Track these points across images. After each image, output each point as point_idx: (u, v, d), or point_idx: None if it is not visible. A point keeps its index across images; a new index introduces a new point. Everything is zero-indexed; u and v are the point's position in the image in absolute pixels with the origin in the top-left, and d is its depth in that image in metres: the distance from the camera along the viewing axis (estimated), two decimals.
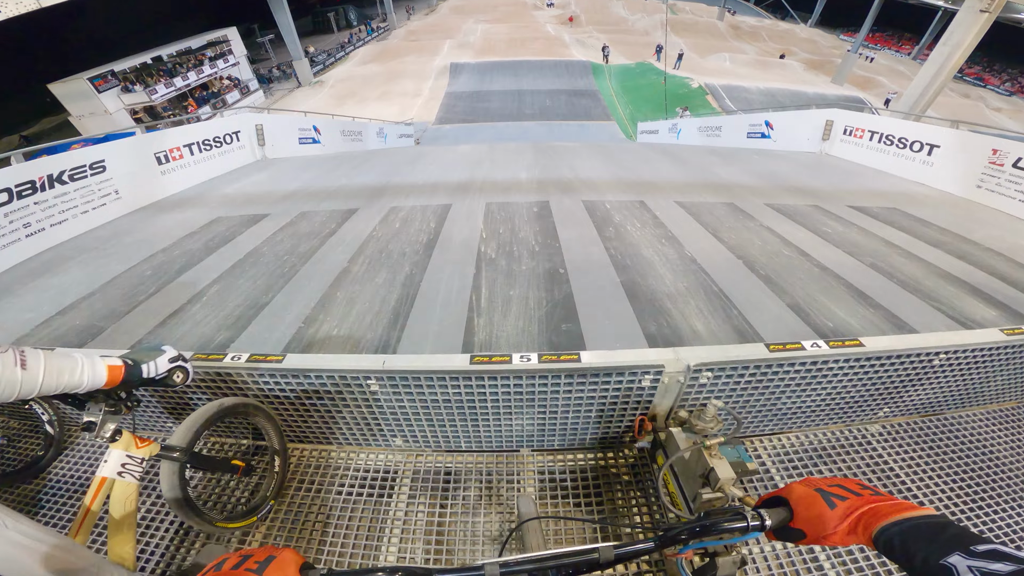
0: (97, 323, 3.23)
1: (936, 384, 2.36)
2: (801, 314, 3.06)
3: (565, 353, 1.89)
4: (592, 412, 2.11)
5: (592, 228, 4.40)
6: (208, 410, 1.77)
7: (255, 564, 0.73)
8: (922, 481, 2.24)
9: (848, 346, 2.07)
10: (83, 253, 4.54)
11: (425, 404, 2.03)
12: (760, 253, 3.96)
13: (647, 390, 2.01)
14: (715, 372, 1.98)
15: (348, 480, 2.21)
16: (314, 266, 3.69)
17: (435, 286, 3.26)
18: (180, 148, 6.56)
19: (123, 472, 1.55)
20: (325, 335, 2.79)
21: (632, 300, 3.14)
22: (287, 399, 2.12)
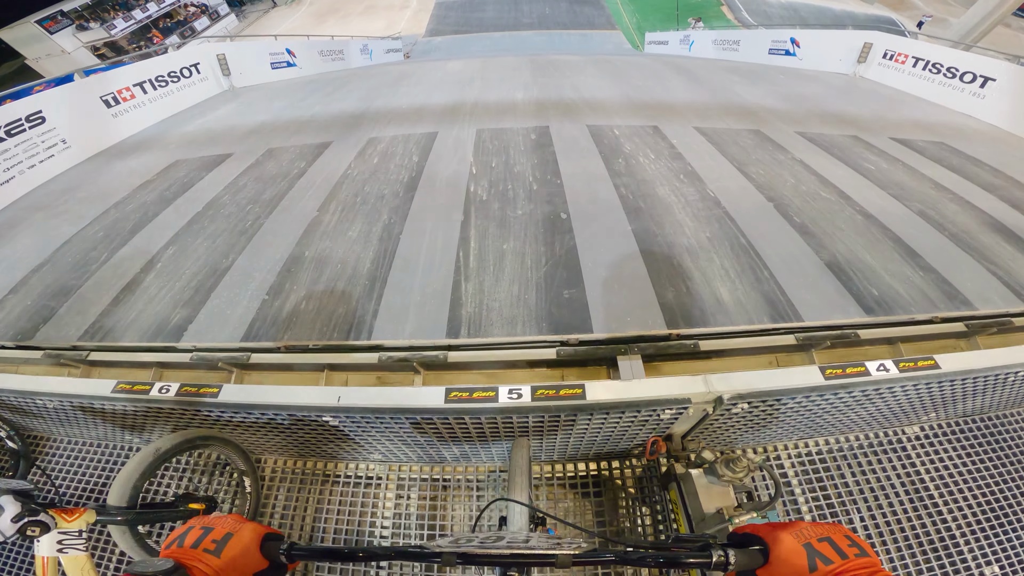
0: (48, 302, 2.90)
1: (998, 393, 2.06)
2: (842, 277, 2.62)
3: (565, 387, 1.54)
4: (597, 438, 1.82)
5: (599, 160, 3.77)
6: (143, 459, 1.50)
7: (213, 543, 0.73)
8: (950, 494, 2.10)
9: (920, 368, 1.69)
10: (34, 214, 4.09)
11: (397, 433, 1.73)
12: (794, 195, 3.38)
13: (665, 420, 1.68)
14: (752, 403, 1.62)
15: (328, 487, 1.99)
16: (280, 217, 3.21)
17: (417, 240, 2.80)
18: (130, 88, 5.85)
19: (63, 548, 1.36)
20: (292, 310, 2.41)
21: (646, 256, 2.67)
22: (238, 425, 1.81)
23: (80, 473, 2.37)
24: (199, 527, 0.76)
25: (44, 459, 2.51)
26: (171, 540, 0.75)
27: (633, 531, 2.09)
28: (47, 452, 2.50)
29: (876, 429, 2.29)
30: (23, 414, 2.33)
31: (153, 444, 1.56)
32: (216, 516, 0.80)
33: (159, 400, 1.76)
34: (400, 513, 2.08)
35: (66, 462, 2.44)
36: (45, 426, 2.50)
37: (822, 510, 2.14)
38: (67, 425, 2.34)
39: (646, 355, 2.15)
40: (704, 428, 1.90)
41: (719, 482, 1.61)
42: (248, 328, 2.33)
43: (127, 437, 2.44)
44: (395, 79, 7.25)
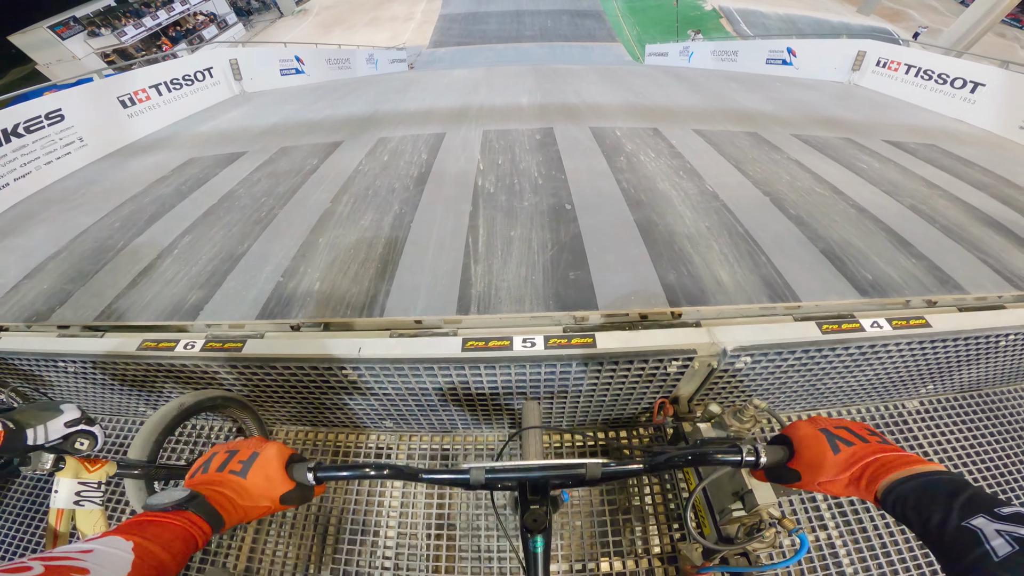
0: (64, 286, 2.98)
1: (992, 363, 2.12)
2: (837, 263, 2.71)
3: (576, 336, 1.60)
4: (606, 396, 1.87)
5: (601, 158, 3.90)
6: (167, 413, 1.52)
7: (239, 464, 0.72)
8: (953, 467, 2.12)
9: (913, 326, 1.77)
10: (50, 207, 4.20)
11: (412, 391, 1.80)
12: (789, 190, 3.50)
13: (672, 375, 1.73)
14: (755, 357, 1.68)
15: (339, 458, 2.05)
16: (294, 208, 3.32)
17: (427, 228, 2.90)
18: (146, 90, 6.05)
19: (80, 500, 1.33)
20: (306, 291, 2.49)
21: (648, 242, 2.77)
22: (256, 387, 1.87)
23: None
24: (224, 451, 0.75)
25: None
26: (196, 468, 0.74)
27: (642, 500, 2.08)
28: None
29: (877, 402, 2.32)
30: (40, 383, 2.37)
31: (176, 400, 1.59)
32: (239, 440, 0.78)
33: (183, 356, 1.78)
34: (409, 485, 2.12)
35: None
36: (60, 397, 2.54)
37: None
38: (85, 394, 2.38)
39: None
40: (709, 388, 1.94)
41: (728, 435, 1.59)
42: (263, 308, 2.41)
43: (141, 408, 2.48)
44: (403, 85, 7.43)
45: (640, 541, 2.00)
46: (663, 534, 2.01)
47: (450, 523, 2.00)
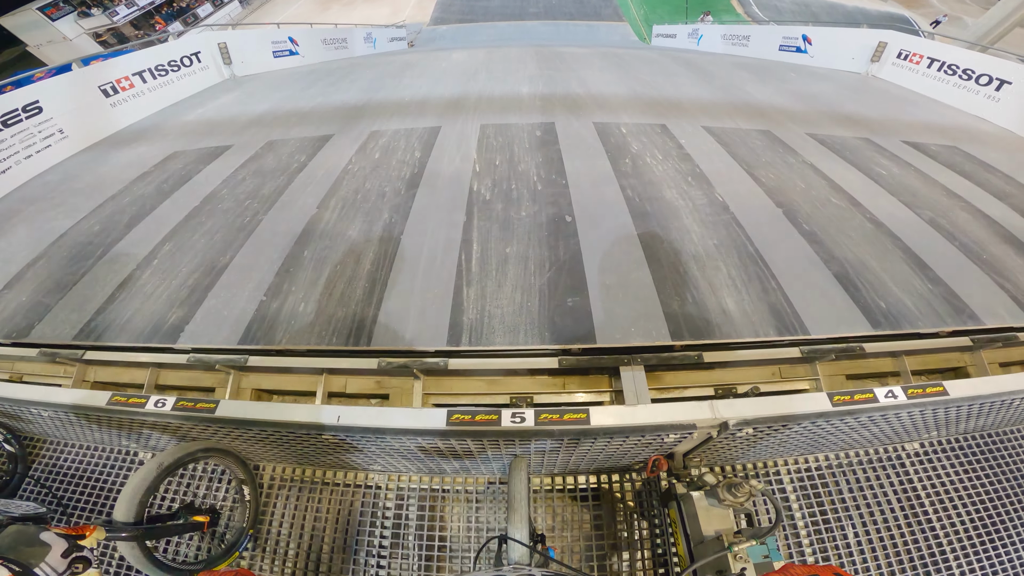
0: (43, 299, 2.86)
1: (1000, 414, 2.06)
2: (850, 289, 2.58)
3: (569, 411, 1.53)
4: (599, 456, 1.81)
5: (605, 159, 3.70)
6: (147, 474, 1.50)
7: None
8: (944, 510, 2.11)
9: (929, 394, 1.68)
10: (30, 205, 4.03)
11: (397, 450, 1.71)
12: (804, 200, 3.33)
13: (669, 443, 1.67)
14: (758, 429, 1.61)
15: (327, 495, 1.97)
16: (279, 214, 3.15)
17: (418, 240, 2.75)
18: (129, 77, 5.77)
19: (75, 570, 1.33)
20: (289, 313, 2.36)
21: (652, 264, 2.62)
22: (239, 437, 1.79)
23: (79, 476, 2.34)
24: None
25: (42, 461, 2.48)
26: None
27: (631, 544, 2.07)
28: (45, 455, 2.47)
29: (876, 446, 2.27)
30: (19, 420, 2.31)
31: (155, 459, 1.55)
32: (227, 570, 0.81)
33: (155, 414, 1.74)
34: (400, 523, 2.07)
35: (65, 465, 2.41)
36: (42, 430, 2.47)
37: (816, 522, 2.14)
38: (64, 430, 2.31)
39: (649, 365, 2.13)
40: (707, 447, 1.89)
41: (720, 505, 1.61)
42: (246, 330, 2.29)
43: (124, 442, 2.41)
44: (399, 69, 7.13)
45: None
46: (647, 571, 1.98)
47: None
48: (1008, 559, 2.02)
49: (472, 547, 1.96)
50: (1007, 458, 2.28)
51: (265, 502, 2.13)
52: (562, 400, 2.08)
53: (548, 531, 2.09)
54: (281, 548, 2.08)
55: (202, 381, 2.37)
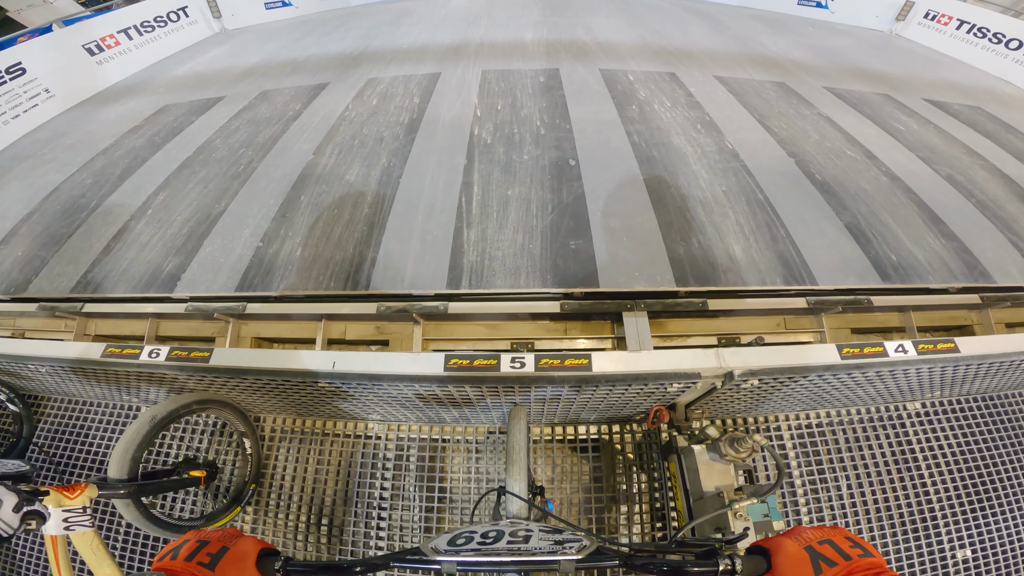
0: (39, 253, 2.82)
1: (1008, 376, 2.02)
2: (861, 240, 2.49)
3: (570, 356, 1.50)
4: (600, 406, 1.79)
5: (611, 105, 3.52)
6: (140, 428, 1.46)
7: (208, 556, 0.72)
8: (939, 473, 2.14)
9: (940, 350, 1.64)
10: (21, 162, 3.95)
11: (394, 397, 1.70)
12: (817, 151, 3.17)
13: (672, 392, 1.64)
14: (763, 380, 1.57)
15: (328, 445, 1.98)
16: (274, 161, 3.05)
17: (417, 184, 2.65)
18: (114, 35, 5.52)
19: (70, 526, 1.33)
20: (287, 258, 2.31)
21: (658, 208, 2.52)
22: (235, 387, 1.77)
23: (83, 433, 2.38)
24: (195, 540, 0.75)
25: (46, 420, 2.51)
26: (165, 552, 0.74)
27: (629, 498, 2.09)
28: (48, 413, 2.50)
29: (879, 403, 2.26)
30: (20, 377, 2.32)
31: (148, 411, 1.52)
32: (213, 529, 0.79)
33: (150, 365, 1.72)
34: (400, 474, 2.08)
35: (68, 422, 2.44)
36: (44, 387, 2.49)
37: (814, 480, 2.15)
38: (65, 386, 2.33)
39: (652, 312, 2.08)
40: (709, 399, 1.86)
41: (721, 460, 1.59)
42: (243, 276, 2.25)
43: (125, 397, 2.42)
44: (396, 17, 6.75)
45: (624, 530, 1.99)
46: (645, 533, 2.00)
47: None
48: (996, 528, 2.05)
49: (472, 498, 1.99)
50: (1005, 424, 2.27)
51: (266, 455, 2.15)
52: (563, 347, 2.05)
53: (547, 483, 2.11)
54: (283, 501, 2.11)
55: (202, 331, 2.36)
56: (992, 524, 2.06)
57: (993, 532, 2.05)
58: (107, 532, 2.09)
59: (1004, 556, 2.04)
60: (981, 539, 2.03)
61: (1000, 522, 2.06)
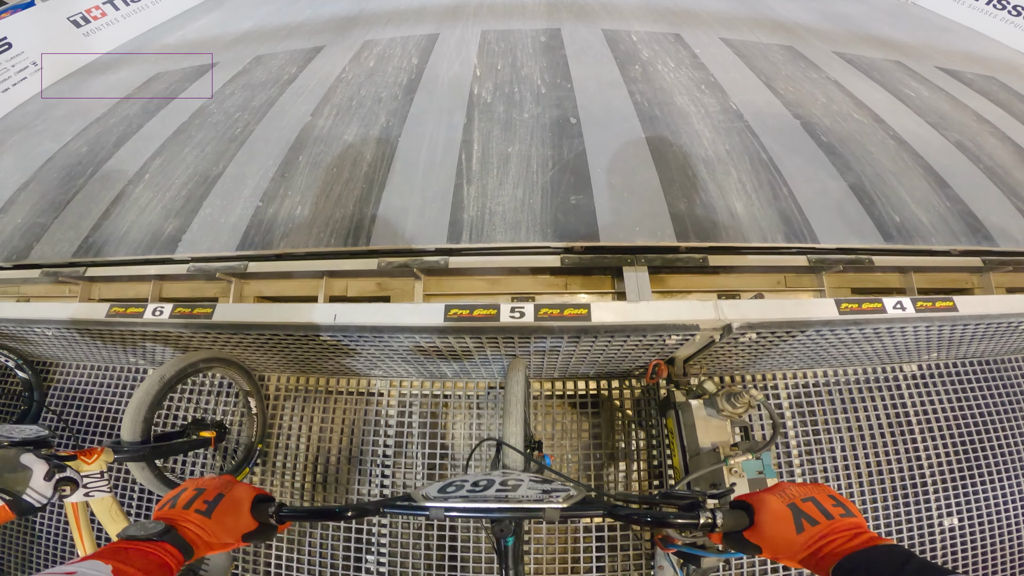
0: (38, 220, 2.81)
1: (1006, 340, 2.03)
2: (865, 201, 2.46)
3: (570, 307, 1.51)
4: (599, 359, 1.80)
5: (613, 66, 3.44)
6: (149, 389, 1.46)
7: (204, 504, 0.74)
8: (932, 438, 2.16)
9: (939, 308, 1.65)
10: (13, 134, 3.89)
11: (395, 351, 1.71)
12: (824, 114, 3.11)
13: (671, 345, 1.64)
14: (762, 333, 1.58)
15: (332, 403, 2.01)
16: (271, 123, 3.02)
17: (416, 142, 2.62)
18: (99, 6, 5.36)
19: (90, 492, 1.34)
20: (287, 216, 2.31)
21: (659, 165, 2.50)
22: (239, 344, 1.79)
23: (93, 399, 2.41)
24: (192, 488, 0.78)
25: (56, 386, 2.54)
26: (164, 502, 0.77)
27: (628, 455, 2.13)
28: (58, 378, 2.53)
29: (875, 364, 2.27)
30: (27, 342, 2.35)
31: (156, 372, 1.52)
32: (209, 477, 0.81)
33: (153, 323, 1.74)
34: (403, 431, 2.12)
35: (77, 387, 2.47)
36: (51, 352, 2.51)
37: (808, 441, 2.19)
38: (72, 350, 2.35)
39: (653, 267, 2.08)
40: (708, 353, 1.88)
41: (718, 416, 1.60)
42: (243, 236, 2.25)
43: (131, 359, 2.45)
44: None
45: (621, 487, 2.03)
46: (642, 481, 2.05)
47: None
48: (984, 498, 2.09)
49: (469, 453, 2.02)
50: (1000, 389, 2.29)
51: (272, 414, 2.18)
52: (564, 301, 2.07)
53: (547, 439, 2.14)
54: (290, 462, 2.16)
55: (204, 291, 2.37)
56: (980, 494, 2.10)
57: (980, 502, 2.09)
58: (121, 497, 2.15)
59: (989, 527, 2.09)
60: (968, 508, 2.07)
61: (988, 492, 2.10)
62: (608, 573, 2.05)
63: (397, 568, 2.08)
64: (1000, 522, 2.09)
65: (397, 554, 2.09)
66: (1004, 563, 2.04)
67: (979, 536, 2.06)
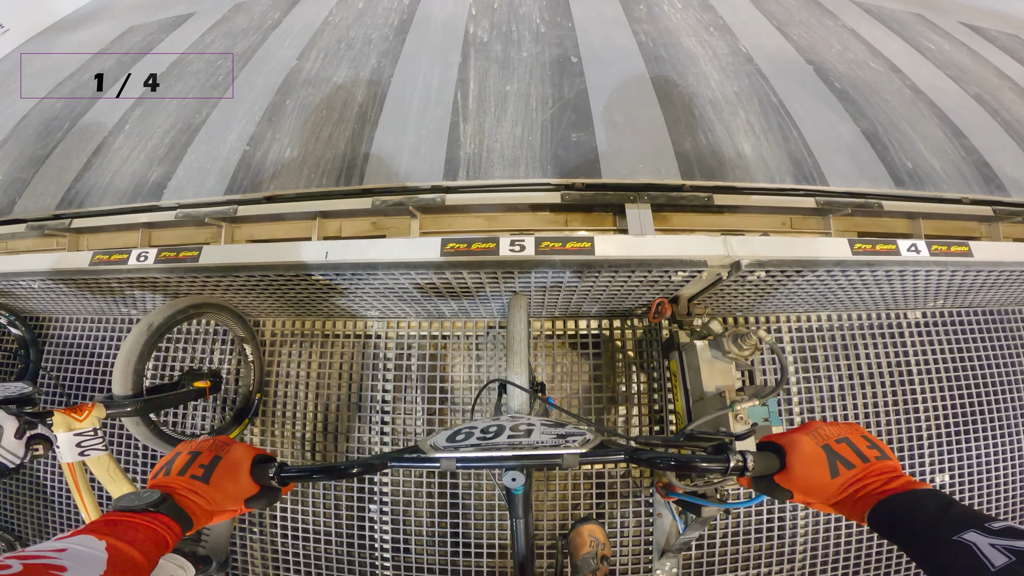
0: (19, 175, 2.70)
1: (1014, 290, 2.01)
2: (877, 146, 2.37)
3: (572, 240, 1.47)
4: (601, 296, 1.76)
5: (617, 5, 3.28)
6: (138, 338, 1.40)
7: (200, 469, 0.69)
8: (931, 390, 2.14)
9: (953, 253, 1.62)
10: None
11: (391, 289, 1.67)
12: (839, 61, 2.98)
13: (676, 282, 1.60)
14: (771, 272, 1.54)
15: (329, 347, 1.96)
16: (255, 69, 2.87)
17: (410, 82, 2.50)
18: None
19: (84, 451, 1.29)
20: (276, 159, 2.21)
21: (664, 104, 2.39)
22: (229, 288, 1.72)
23: (89, 352, 2.37)
24: (187, 452, 0.72)
25: (52, 342, 2.50)
26: (159, 468, 0.72)
27: (628, 399, 2.11)
28: (53, 335, 2.48)
29: (880, 310, 2.25)
30: (16, 298, 2.28)
31: (144, 320, 1.46)
32: (204, 439, 0.75)
33: (139, 269, 1.68)
34: (402, 374, 2.10)
35: (73, 343, 2.42)
36: (43, 307, 2.46)
37: (809, 388, 2.17)
38: (62, 303, 2.29)
39: (656, 204, 2.02)
40: (713, 292, 1.84)
41: (723, 358, 1.57)
42: (231, 180, 2.16)
43: (123, 309, 2.40)
44: None
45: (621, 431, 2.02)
46: (643, 427, 2.04)
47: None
48: (977, 456, 2.11)
49: (473, 396, 2.00)
50: (1002, 341, 2.29)
51: (269, 361, 2.15)
52: (566, 235, 2.01)
53: (547, 382, 2.12)
54: (289, 411, 2.13)
55: (194, 238, 2.30)
56: (973, 451, 2.12)
57: (972, 460, 2.11)
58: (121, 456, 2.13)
59: (979, 485, 2.12)
60: (960, 466, 2.09)
61: (980, 450, 2.12)
62: (607, 520, 2.07)
63: (400, 518, 2.10)
64: (990, 482, 2.13)
65: (400, 503, 2.11)
66: None
67: (967, 495, 2.09)
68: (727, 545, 2.12)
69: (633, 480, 2.07)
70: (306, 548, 2.19)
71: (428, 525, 2.02)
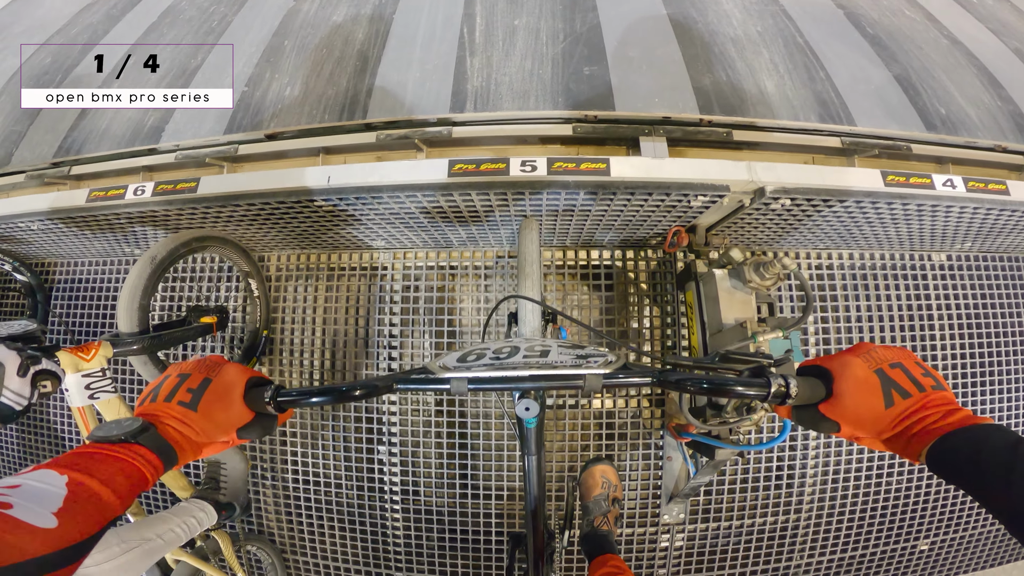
0: (14, 127, 2.64)
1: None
2: (910, 92, 2.24)
3: (586, 160, 1.39)
4: (616, 220, 1.69)
5: None
6: (141, 273, 1.37)
7: (188, 393, 0.61)
8: (951, 337, 2.07)
9: (990, 190, 1.56)
10: None
11: (397, 214, 1.63)
12: (872, 7, 2.81)
13: (695, 208, 1.54)
14: (796, 200, 1.47)
15: (335, 281, 1.91)
16: (251, 13, 2.76)
17: (413, 17, 2.39)
18: None
19: (94, 394, 1.24)
20: (276, 97, 2.14)
21: (682, 40, 2.27)
22: (230, 220, 1.67)
23: (96, 294, 2.35)
24: (175, 375, 0.64)
25: (58, 286, 2.48)
26: (145, 394, 0.64)
27: (640, 334, 2.07)
28: (59, 279, 2.46)
29: (905, 250, 2.17)
30: (18, 242, 2.25)
31: (147, 254, 1.43)
32: (195, 360, 0.67)
33: (136, 203, 1.64)
34: (409, 307, 2.06)
35: (80, 285, 2.40)
36: (46, 250, 2.43)
37: (827, 329, 2.12)
38: (65, 245, 2.25)
39: (672, 138, 1.94)
40: (732, 222, 1.77)
41: (743, 288, 1.50)
42: (231, 120, 2.09)
43: (127, 248, 2.38)
44: None
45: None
46: (655, 363, 1.99)
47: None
48: (996, 404, 2.07)
49: (485, 319, 1.96)
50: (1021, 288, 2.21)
51: (275, 296, 2.12)
52: (580, 156, 1.95)
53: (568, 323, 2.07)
54: (297, 348, 2.11)
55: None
56: (988, 404, 2.08)
57: (993, 409, 2.08)
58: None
59: None
60: (980, 412, 2.04)
61: (1001, 396, 2.08)
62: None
63: (409, 458, 2.09)
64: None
65: (408, 445, 2.10)
66: None
67: None
68: (735, 492, 2.11)
69: (643, 421, 2.05)
70: (317, 494, 2.20)
71: (437, 467, 2.01)
